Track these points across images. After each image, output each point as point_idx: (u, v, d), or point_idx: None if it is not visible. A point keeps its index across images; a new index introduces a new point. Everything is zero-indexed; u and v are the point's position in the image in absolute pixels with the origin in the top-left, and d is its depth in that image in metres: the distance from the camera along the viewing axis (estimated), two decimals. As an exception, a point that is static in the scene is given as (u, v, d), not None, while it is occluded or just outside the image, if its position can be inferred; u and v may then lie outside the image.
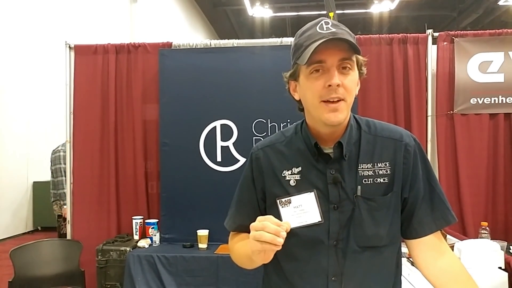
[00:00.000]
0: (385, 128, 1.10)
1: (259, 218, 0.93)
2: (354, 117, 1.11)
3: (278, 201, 1.03)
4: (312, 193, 1.01)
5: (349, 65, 0.99)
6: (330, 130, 1.04)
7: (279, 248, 0.90)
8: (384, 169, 1.05)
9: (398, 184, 1.05)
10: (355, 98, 1.06)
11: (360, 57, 1.02)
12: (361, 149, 1.06)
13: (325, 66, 0.98)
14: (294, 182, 1.06)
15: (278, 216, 1.03)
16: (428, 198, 1.07)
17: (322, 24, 0.99)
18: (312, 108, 1.02)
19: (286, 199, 1.02)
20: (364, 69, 1.06)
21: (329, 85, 0.96)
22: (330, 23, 0.99)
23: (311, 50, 0.95)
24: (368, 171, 1.04)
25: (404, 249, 1.17)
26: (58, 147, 4.12)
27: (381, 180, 1.04)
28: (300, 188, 1.04)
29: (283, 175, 1.08)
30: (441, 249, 1.09)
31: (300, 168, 1.07)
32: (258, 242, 0.90)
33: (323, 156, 1.06)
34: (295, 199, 1.02)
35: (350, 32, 1.01)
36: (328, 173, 1.04)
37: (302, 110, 1.11)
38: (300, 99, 1.08)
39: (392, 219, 1.06)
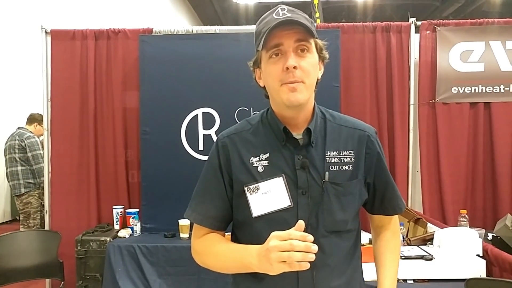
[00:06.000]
0: (348, 120, 1.15)
1: (280, 235, 0.88)
2: (319, 107, 1.14)
3: (246, 188, 1.04)
4: (281, 178, 1.03)
5: (306, 47, 1.01)
6: (293, 112, 1.06)
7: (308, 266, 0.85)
8: (349, 157, 1.09)
9: (361, 173, 1.10)
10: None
11: (319, 41, 1.05)
12: (327, 136, 1.09)
13: (283, 50, 1.00)
14: (262, 168, 1.06)
15: (246, 203, 1.05)
16: (393, 184, 1.18)
17: (278, 10, 1.02)
18: (274, 92, 1.04)
19: (254, 185, 1.04)
20: (326, 53, 1.08)
21: (287, 68, 0.98)
22: (286, 9, 1.02)
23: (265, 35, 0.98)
24: (334, 158, 1.08)
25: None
26: (14, 135, 4.00)
27: (346, 168, 1.08)
28: (268, 174, 1.05)
29: (250, 162, 1.07)
30: (394, 225, 1.23)
31: (268, 154, 1.07)
32: (285, 264, 0.86)
33: (291, 141, 1.07)
34: (264, 185, 1.03)
35: (307, 17, 1.03)
36: (296, 158, 1.05)
37: (268, 97, 1.12)
38: (264, 86, 1.10)
39: (357, 205, 1.11)
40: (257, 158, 1.07)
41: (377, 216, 1.21)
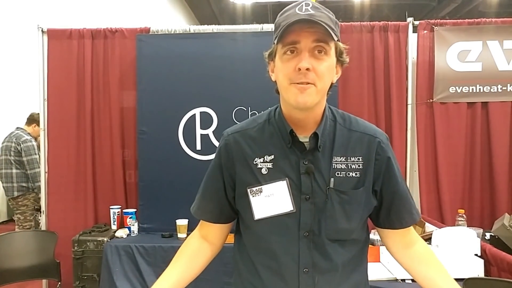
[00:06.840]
0: (360, 123, 1.09)
1: None
2: (330, 108, 1.09)
3: (248, 190, 1.03)
4: (284, 182, 1.01)
5: (324, 49, 0.95)
6: (301, 114, 1.02)
7: None
8: (357, 164, 1.04)
9: (369, 180, 1.04)
10: (334, 86, 1.04)
11: (340, 44, 1.00)
12: (335, 141, 1.04)
13: (298, 48, 0.95)
14: (266, 170, 1.04)
15: (249, 205, 1.03)
16: (402, 194, 1.09)
17: (302, 5, 0.96)
18: (282, 89, 1.00)
19: (257, 188, 1.02)
20: (346, 58, 1.03)
21: (299, 69, 0.94)
22: (311, 5, 0.96)
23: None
24: (341, 164, 1.03)
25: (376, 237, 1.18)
26: (11, 136, 3.95)
27: (353, 174, 1.03)
28: (272, 177, 1.02)
29: (254, 163, 1.05)
30: (414, 238, 1.13)
31: (272, 156, 1.04)
32: None
33: (297, 145, 1.03)
34: (267, 188, 1.01)
35: (332, 17, 0.98)
36: (302, 163, 1.02)
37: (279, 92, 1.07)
38: (275, 80, 1.04)
39: (363, 214, 1.06)
40: (262, 160, 1.04)
41: (391, 233, 1.11)
